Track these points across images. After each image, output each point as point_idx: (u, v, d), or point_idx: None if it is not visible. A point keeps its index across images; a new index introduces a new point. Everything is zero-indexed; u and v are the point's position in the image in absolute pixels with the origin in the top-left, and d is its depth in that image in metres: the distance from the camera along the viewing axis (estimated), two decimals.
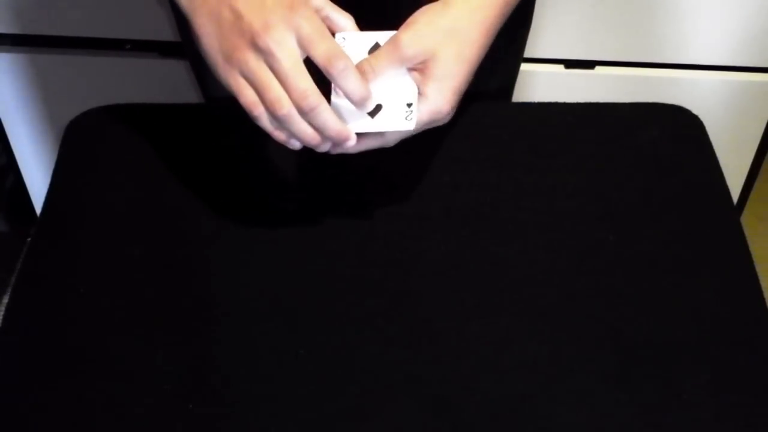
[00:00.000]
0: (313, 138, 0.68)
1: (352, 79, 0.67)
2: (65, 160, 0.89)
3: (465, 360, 0.72)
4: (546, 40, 1.34)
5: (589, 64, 1.37)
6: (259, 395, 0.70)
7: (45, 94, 1.45)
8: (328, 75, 0.67)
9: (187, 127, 0.90)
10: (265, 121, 0.68)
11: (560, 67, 1.38)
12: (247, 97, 0.67)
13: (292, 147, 0.70)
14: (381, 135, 0.72)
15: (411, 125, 0.70)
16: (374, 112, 0.70)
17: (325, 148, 0.70)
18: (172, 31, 1.35)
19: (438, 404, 0.69)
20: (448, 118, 0.72)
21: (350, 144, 0.69)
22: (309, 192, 0.84)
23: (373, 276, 0.78)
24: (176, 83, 1.40)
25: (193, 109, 0.93)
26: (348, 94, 0.67)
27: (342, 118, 0.69)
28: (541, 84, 1.38)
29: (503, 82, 0.99)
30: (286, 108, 0.66)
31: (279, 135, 0.69)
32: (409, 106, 0.70)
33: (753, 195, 1.53)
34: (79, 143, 0.90)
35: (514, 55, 0.98)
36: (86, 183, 0.86)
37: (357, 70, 0.69)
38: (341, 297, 0.76)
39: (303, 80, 0.66)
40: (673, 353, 0.72)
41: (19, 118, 1.49)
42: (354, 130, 0.69)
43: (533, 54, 1.35)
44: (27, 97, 1.46)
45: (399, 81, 0.71)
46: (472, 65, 0.72)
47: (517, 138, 0.89)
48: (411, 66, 0.71)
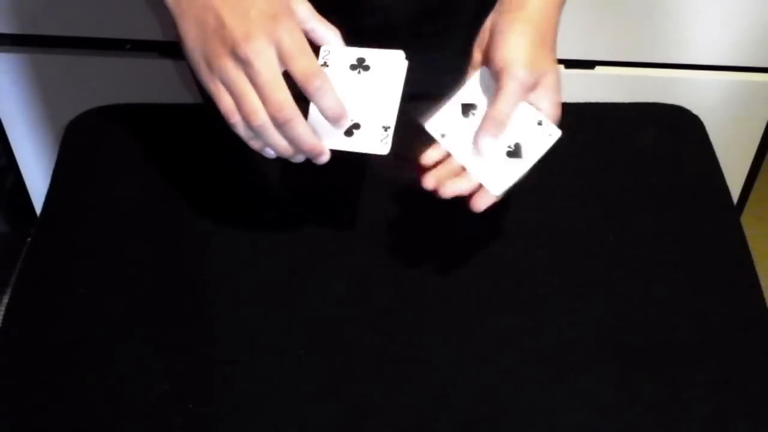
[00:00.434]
0: (286, 150, 0.68)
1: (328, 97, 0.67)
2: (65, 160, 0.89)
3: (465, 360, 0.72)
4: None
5: (589, 64, 1.37)
6: (259, 395, 0.70)
7: (45, 94, 1.45)
8: (305, 92, 0.67)
9: (187, 127, 0.90)
10: (241, 129, 0.68)
11: (560, 67, 1.37)
12: (226, 104, 0.67)
13: (266, 156, 0.70)
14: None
15: (385, 149, 0.69)
16: (349, 131, 0.70)
17: (299, 159, 0.70)
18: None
19: (438, 404, 0.69)
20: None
21: (323, 159, 0.69)
22: (309, 192, 0.84)
23: (373, 276, 0.78)
24: (176, 83, 1.40)
25: (193, 109, 0.93)
26: (323, 112, 0.67)
27: (318, 133, 0.69)
28: (561, 83, 1.38)
29: None
30: (261, 119, 0.66)
31: (254, 144, 0.69)
32: (385, 129, 0.69)
33: (753, 195, 1.52)
34: (79, 143, 0.90)
35: None
36: (86, 183, 0.86)
37: (492, 121, 0.70)
38: (341, 296, 0.76)
39: (280, 92, 0.66)
40: (673, 353, 0.72)
41: (19, 118, 1.49)
42: (329, 146, 0.69)
43: None
44: (27, 97, 1.45)
45: (377, 103, 0.70)
46: (554, 52, 0.76)
47: None
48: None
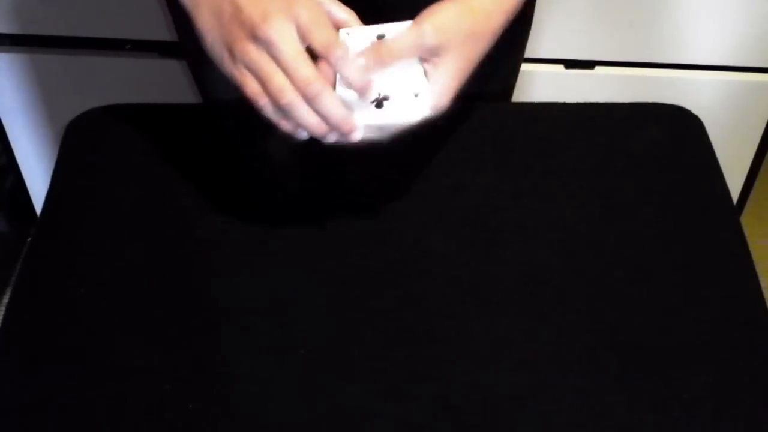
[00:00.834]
0: (318, 126, 0.67)
1: (351, 66, 0.66)
2: (65, 160, 0.89)
3: (465, 360, 0.72)
4: (546, 40, 1.34)
5: (589, 64, 1.37)
6: (259, 395, 0.70)
7: (45, 94, 1.45)
8: (328, 63, 0.66)
9: (187, 127, 0.90)
10: (270, 112, 0.67)
11: (560, 67, 1.38)
12: (252, 88, 0.67)
13: (299, 138, 0.69)
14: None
15: (423, 112, 0.69)
16: (380, 103, 0.69)
17: (332, 138, 0.69)
18: (172, 31, 1.35)
19: (438, 404, 0.69)
20: (438, 115, 0.72)
21: (356, 135, 0.68)
22: (309, 192, 0.84)
23: (374, 276, 0.78)
24: (176, 83, 1.40)
25: (193, 109, 0.93)
26: (348, 82, 0.67)
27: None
28: (541, 84, 1.38)
29: (504, 84, 0.99)
30: (289, 97, 0.65)
31: (285, 125, 0.68)
32: (416, 95, 0.69)
33: (753, 195, 1.53)
34: (79, 143, 0.90)
35: (514, 58, 0.98)
36: (86, 183, 0.86)
37: (374, 51, 0.68)
38: (341, 297, 0.76)
39: (305, 68, 0.65)
40: (673, 353, 0.72)
41: (19, 118, 1.49)
42: (359, 122, 0.69)
43: (533, 54, 1.35)
44: (27, 97, 1.46)
45: (407, 72, 0.70)
46: (473, 68, 0.72)
47: (517, 138, 0.89)
48: (422, 57, 0.70)
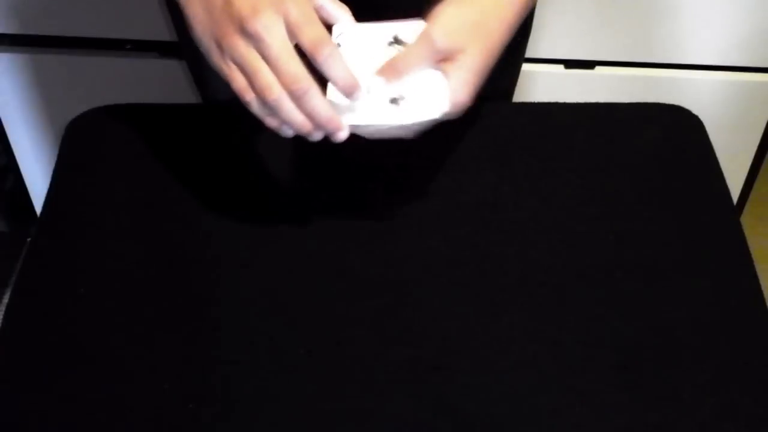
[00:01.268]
0: (303, 125, 0.66)
1: (338, 66, 0.65)
2: (65, 160, 0.89)
3: (465, 360, 0.72)
4: (546, 40, 1.34)
5: (589, 64, 1.37)
6: (259, 395, 0.70)
7: (45, 94, 1.45)
8: (314, 61, 0.65)
9: (187, 127, 0.90)
10: (256, 108, 0.67)
11: (560, 67, 1.38)
12: (239, 83, 0.66)
13: (284, 135, 0.68)
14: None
15: (442, 109, 0.68)
16: (397, 102, 0.69)
17: (318, 137, 0.68)
18: (172, 31, 1.35)
19: (438, 404, 0.69)
20: (462, 113, 0.72)
21: (342, 135, 0.68)
22: (309, 192, 0.84)
23: (374, 276, 0.78)
24: (176, 83, 1.40)
25: (192, 109, 0.93)
26: (334, 81, 0.66)
27: (363, 112, 0.67)
28: (541, 84, 1.38)
29: (504, 86, 0.99)
30: (276, 93, 0.65)
31: (271, 121, 0.67)
32: (434, 94, 0.69)
33: (753, 195, 1.53)
34: (79, 143, 0.90)
35: (515, 61, 0.98)
36: (86, 183, 0.86)
37: (389, 69, 0.69)
38: (341, 296, 0.76)
39: (293, 64, 0.64)
40: (673, 353, 0.72)
41: (19, 118, 1.49)
42: (347, 122, 0.68)
43: (533, 54, 1.35)
44: (27, 97, 1.46)
45: (423, 71, 0.70)
46: (493, 59, 0.72)
47: (517, 138, 0.89)
48: (438, 60, 0.70)
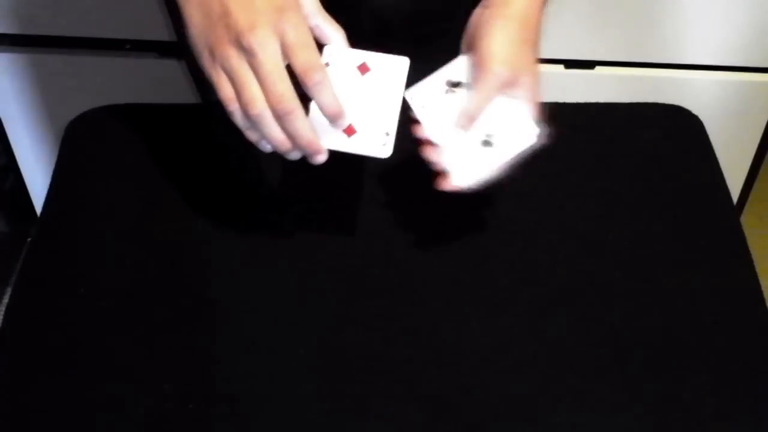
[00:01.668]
0: (283, 143, 0.67)
1: (326, 92, 0.66)
2: (65, 160, 0.89)
3: (465, 360, 0.72)
4: (546, 40, 1.33)
5: (589, 64, 1.37)
6: (259, 395, 0.70)
7: (45, 94, 1.45)
8: (304, 86, 0.66)
9: (187, 127, 0.90)
10: (238, 118, 0.67)
11: (560, 67, 1.38)
12: (225, 91, 0.67)
13: (262, 149, 0.69)
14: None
15: (387, 152, 0.69)
16: (350, 132, 0.69)
17: (295, 156, 0.69)
18: (171, 31, 1.35)
19: (438, 404, 0.69)
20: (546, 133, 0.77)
21: (320, 158, 0.68)
22: (309, 192, 0.84)
23: (373, 276, 0.78)
24: (176, 83, 1.40)
25: (192, 109, 0.93)
26: (321, 108, 0.67)
27: (318, 133, 0.68)
28: (541, 84, 1.38)
29: None
30: (259, 108, 0.65)
31: (251, 135, 0.68)
32: (387, 134, 0.69)
33: (753, 195, 1.53)
34: (79, 143, 0.90)
35: None
36: (86, 183, 0.86)
37: (464, 118, 0.72)
38: (341, 297, 0.76)
39: (281, 84, 0.65)
40: (673, 353, 0.72)
41: (19, 118, 1.49)
42: (329, 146, 0.68)
43: None
44: (27, 97, 1.45)
45: (378, 106, 0.70)
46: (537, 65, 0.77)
47: None
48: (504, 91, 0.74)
